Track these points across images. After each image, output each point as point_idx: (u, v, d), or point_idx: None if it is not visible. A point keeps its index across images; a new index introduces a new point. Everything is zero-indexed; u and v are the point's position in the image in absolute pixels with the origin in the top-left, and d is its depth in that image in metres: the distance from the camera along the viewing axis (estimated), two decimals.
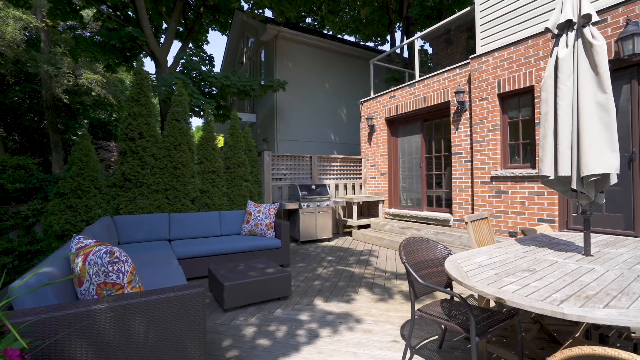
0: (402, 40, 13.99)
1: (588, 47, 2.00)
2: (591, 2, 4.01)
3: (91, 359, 1.55)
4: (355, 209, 7.07)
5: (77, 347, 1.51)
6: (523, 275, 1.71)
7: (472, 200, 5.45)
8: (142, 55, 10.94)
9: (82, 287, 1.75)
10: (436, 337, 2.59)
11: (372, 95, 7.93)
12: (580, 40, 2.05)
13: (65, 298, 1.79)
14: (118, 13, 10.19)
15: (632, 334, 1.13)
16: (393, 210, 7.17)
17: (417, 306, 2.12)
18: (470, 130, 5.49)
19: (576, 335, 1.79)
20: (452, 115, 5.82)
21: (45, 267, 1.42)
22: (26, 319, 1.36)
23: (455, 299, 2.21)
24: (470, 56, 5.43)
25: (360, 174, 8.18)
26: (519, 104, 4.89)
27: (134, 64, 10.09)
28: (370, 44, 16.22)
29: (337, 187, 7.72)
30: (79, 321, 1.50)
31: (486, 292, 1.51)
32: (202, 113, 8.61)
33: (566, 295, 1.42)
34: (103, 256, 1.70)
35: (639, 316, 1.19)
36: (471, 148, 5.47)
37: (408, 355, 2.27)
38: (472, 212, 5.47)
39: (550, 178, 2.14)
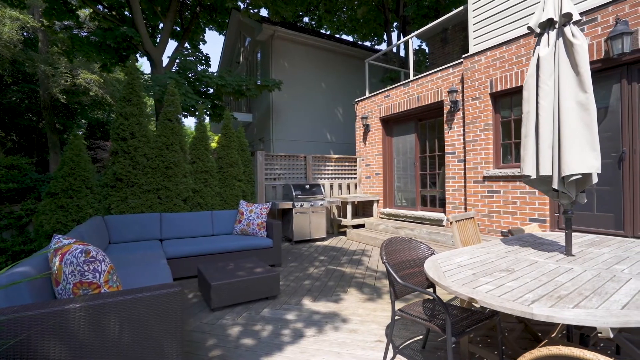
0: (398, 40, 13.96)
1: (569, 46, 2.00)
2: (581, 1, 4.01)
3: (65, 358, 1.54)
4: (349, 208, 7.06)
5: (51, 347, 1.51)
6: (500, 276, 1.71)
7: (465, 200, 5.44)
8: (138, 55, 10.91)
9: (59, 286, 1.75)
10: (421, 337, 2.59)
11: (367, 94, 7.92)
12: (561, 39, 2.04)
13: (42, 298, 1.78)
14: (114, 13, 10.18)
15: (599, 334, 1.13)
16: (387, 210, 7.17)
17: (402, 305, 2.12)
18: (464, 130, 5.48)
19: (552, 336, 1.78)
20: (445, 115, 5.81)
21: (11, 266, 1.41)
22: None
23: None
24: (463, 55, 5.42)
25: (355, 174, 8.17)
26: (511, 104, 4.88)
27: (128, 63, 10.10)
28: (368, 44, 16.20)
29: (331, 186, 7.71)
30: (51, 320, 1.49)
31: (460, 292, 1.51)
32: (197, 113, 8.60)
33: (539, 296, 1.41)
34: (78, 255, 1.70)
35: (606, 316, 1.18)
36: (464, 148, 5.46)
37: (390, 355, 2.27)
38: (465, 212, 5.46)
39: (531, 178, 2.13)
